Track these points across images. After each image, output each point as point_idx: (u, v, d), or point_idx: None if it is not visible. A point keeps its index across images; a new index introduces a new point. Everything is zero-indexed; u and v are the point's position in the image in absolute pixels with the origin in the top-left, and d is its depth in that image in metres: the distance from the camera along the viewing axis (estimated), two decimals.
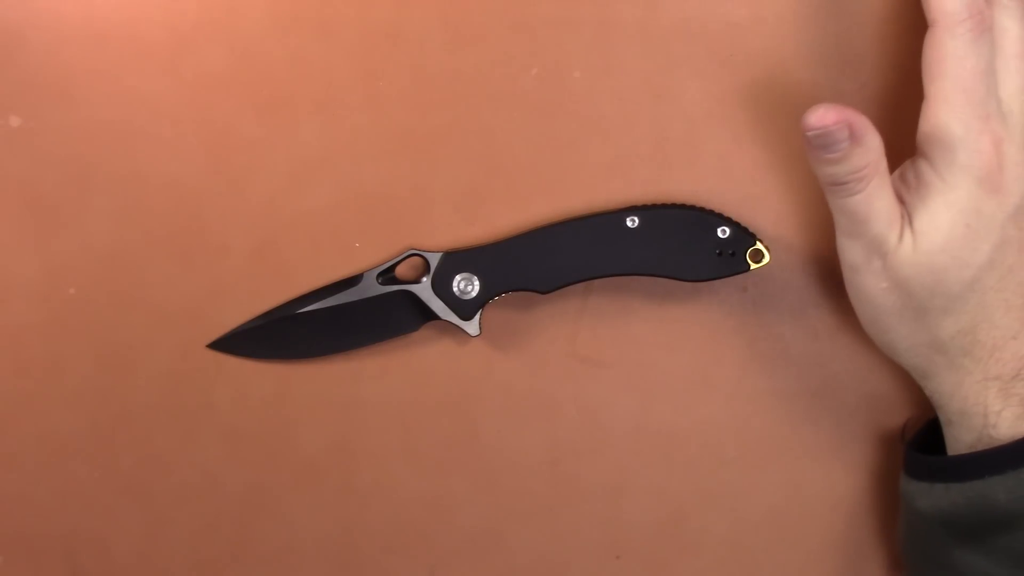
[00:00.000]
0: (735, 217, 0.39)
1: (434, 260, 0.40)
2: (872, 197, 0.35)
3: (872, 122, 0.33)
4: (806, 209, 0.41)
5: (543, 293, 0.40)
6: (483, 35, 0.41)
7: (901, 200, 0.35)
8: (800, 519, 0.42)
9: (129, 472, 0.43)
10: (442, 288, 0.40)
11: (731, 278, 0.41)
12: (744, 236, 0.39)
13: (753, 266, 0.39)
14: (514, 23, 0.41)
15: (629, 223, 0.39)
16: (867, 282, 0.36)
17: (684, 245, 0.39)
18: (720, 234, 0.39)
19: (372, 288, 0.41)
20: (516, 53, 0.41)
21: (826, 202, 0.41)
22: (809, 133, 0.34)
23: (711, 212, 0.39)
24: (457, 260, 0.40)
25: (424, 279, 0.40)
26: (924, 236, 0.34)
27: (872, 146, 0.34)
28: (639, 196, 0.41)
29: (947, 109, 0.34)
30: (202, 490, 0.43)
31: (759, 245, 0.39)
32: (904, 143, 0.41)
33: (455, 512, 0.43)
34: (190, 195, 0.42)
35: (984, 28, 0.34)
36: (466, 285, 0.40)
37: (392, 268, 0.41)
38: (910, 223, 0.35)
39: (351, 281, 0.41)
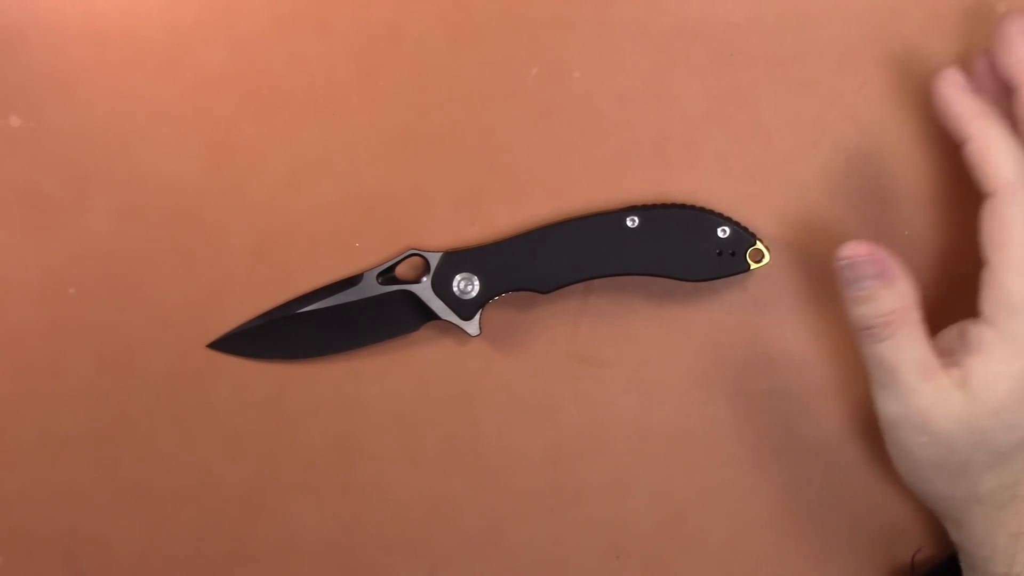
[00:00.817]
0: (735, 217, 0.39)
1: (434, 260, 0.40)
2: (901, 346, 0.34)
3: (873, 121, 0.33)
4: (806, 209, 0.41)
5: (543, 293, 0.40)
6: (483, 35, 0.41)
7: (956, 361, 0.35)
8: (800, 519, 0.42)
9: (129, 472, 0.43)
10: (442, 288, 0.40)
11: (731, 278, 0.41)
12: (744, 236, 0.39)
13: (753, 266, 0.39)
14: (514, 23, 0.41)
15: (629, 223, 0.39)
16: (905, 436, 0.35)
17: (684, 245, 0.39)
18: (720, 234, 0.39)
19: (372, 288, 0.41)
20: (516, 53, 0.41)
21: (826, 203, 0.41)
22: (840, 263, 0.34)
23: (711, 212, 0.39)
24: (457, 260, 0.40)
25: (424, 279, 0.40)
26: (977, 398, 0.34)
27: (902, 292, 0.34)
28: (639, 196, 0.41)
29: (1013, 277, 0.33)
30: (202, 490, 0.43)
31: (759, 245, 0.39)
32: (908, 143, 0.41)
33: (455, 512, 0.43)
34: (190, 195, 0.42)
35: None
36: (466, 285, 0.40)
37: (392, 268, 0.41)
38: (962, 383, 0.34)
39: (351, 281, 0.41)
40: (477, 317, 0.40)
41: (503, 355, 0.42)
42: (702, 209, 0.39)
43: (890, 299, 0.34)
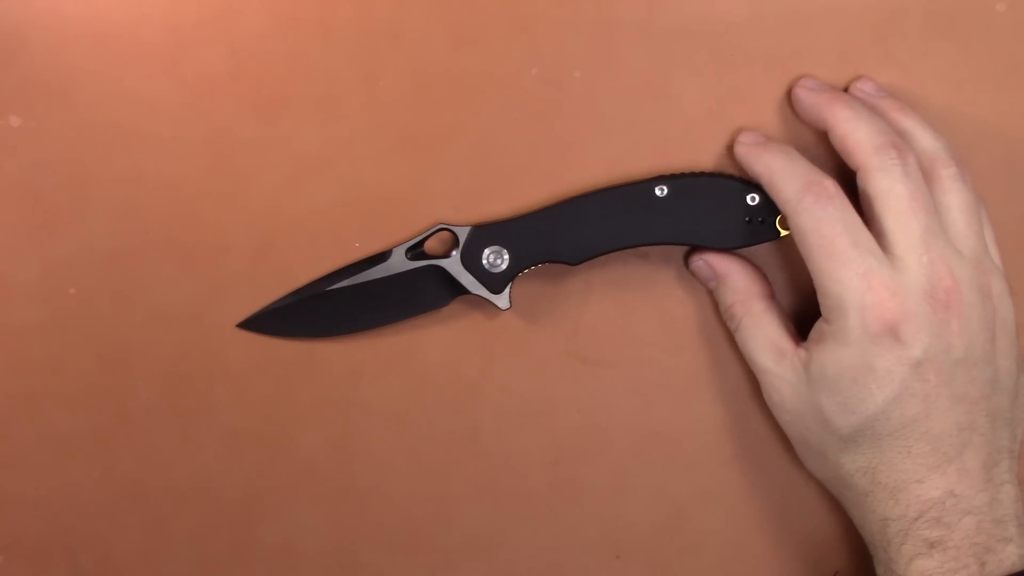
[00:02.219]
0: None
1: (463, 234, 0.40)
2: (748, 333, 0.39)
3: None
4: None
5: (573, 264, 0.40)
6: (483, 35, 0.41)
7: (808, 345, 0.37)
8: (800, 519, 0.42)
9: (129, 472, 0.43)
10: (471, 262, 0.40)
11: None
12: (773, 203, 0.38)
13: (783, 232, 0.38)
14: (514, 23, 0.41)
15: (658, 192, 0.39)
16: (777, 416, 0.39)
17: (713, 213, 0.39)
18: (750, 201, 0.38)
19: (401, 264, 0.41)
20: (516, 53, 0.41)
21: None
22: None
23: (740, 179, 0.39)
24: (486, 233, 0.40)
25: (453, 253, 0.40)
26: (815, 379, 0.36)
27: (737, 287, 0.39)
28: None
29: (823, 277, 0.36)
30: (202, 490, 0.43)
31: None
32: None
33: (455, 512, 0.43)
34: (190, 195, 0.42)
35: (826, 194, 0.35)
36: (495, 258, 0.40)
37: (421, 243, 0.41)
38: (805, 365, 0.37)
39: (380, 257, 0.41)
40: (507, 290, 0.40)
41: (503, 355, 0.42)
42: (731, 176, 0.39)
43: (726, 294, 0.40)
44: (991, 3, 0.40)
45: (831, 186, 0.36)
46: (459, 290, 0.40)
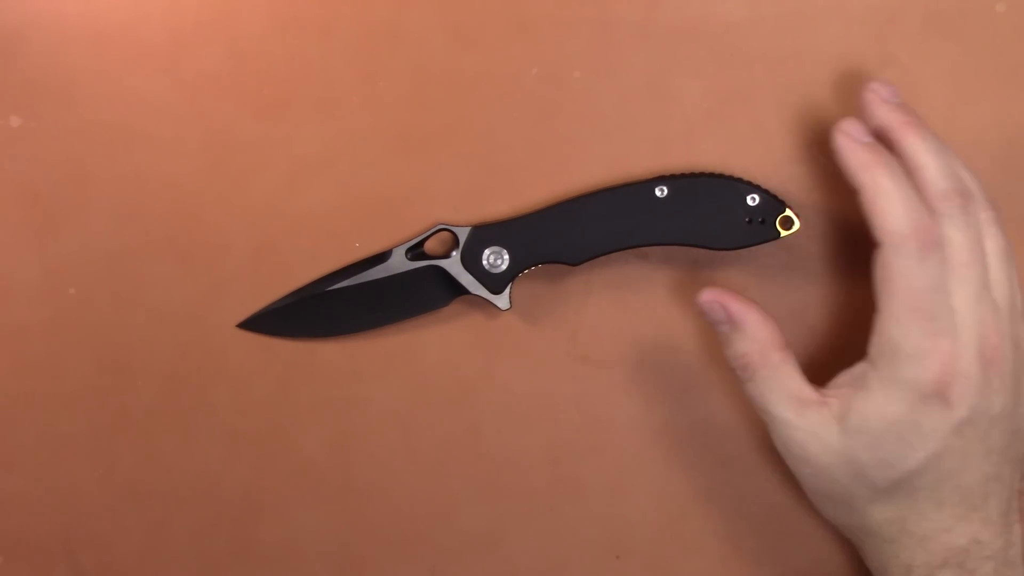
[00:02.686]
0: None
1: (463, 234, 0.40)
2: (766, 385, 0.36)
3: None
4: (804, 210, 0.41)
5: (573, 265, 0.40)
6: (483, 35, 0.41)
7: (841, 394, 0.36)
8: (800, 519, 0.42)
9: (129, 472, 0.43)
10: (471, 262, 0.40)
11: (731, 279, 0.41)
12: (774, 203, 0.38)
13: (783, 233, 0.38)
14: (514, 23, 0.41)
15: (658, 193, 0.39)
16: (792, 467, 0.37)
17: (714, 214, 0.39)
18: (750, 202, 0.38)
19: (401, 264, 0.41)
20: (516, 53, 0.41)
21: (822, 209, 0.41)
22: (700, 306, 0.37)
23: (740, 180, 0.39)
24: (486, 234, 0.40)
25: (453, 254, 0.40)
26: (851, 433, 0.35)
27: (752, 336, 0.36)
28: None
29: (896, 326, 0.34)
30: (202, 490, 0.43)
31: (789, 212, 0.38)
32: None
33: (455, 512, 0.43)
34: (190, 195, 0.42)
35: (932, 244, 0.34)
36: (495, 259, 0.40)
37: (421, 243, 0.41)
38: (840, 416, 0.35)
39: (380, 257, 0.41)
40: (507, 291, 0.40)
41: (503, 355, 0.42)
42: (731, 177, 0.39)
43: (741, 343, 0.37)
44: (991, 3, 0.40)
45: (937, 235, 0.34)
46: (459, 290, 0.40)
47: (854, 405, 0.35)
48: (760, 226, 0.39)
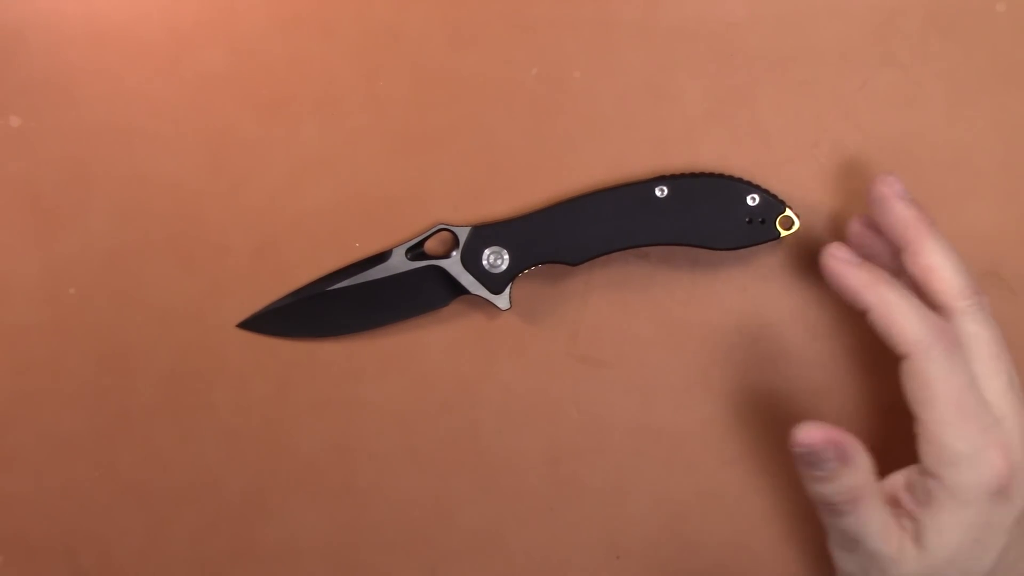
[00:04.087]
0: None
1: (463, 234, 0.40)
2: (864, 517, 0.35)
3: (873, 121, 0.33)
4: (804, 210, 0.41)
5: (573, 265, 0.40)
6: (483, 35, 0.41)
7: (907, 512, 0.35)
8: (800, 519, 0.42)
9: (129, 472, 0.43)
10: (471, 262, 0.40)
11: (731, 279, 0.41)
12: (774, 203, 0.38)
13: (783, 233, 0.38)
14: (514, 23, 0.41)
15: (658, 193, 0.39)
16: None
17: (714, 214, 0.39)
18: (750, 202, 0.38)
19: (401, 264, 0.41)
20: (516, 53, 0.41)
21: (822, 209, 0.41)
22: (796, 450, 0.34)
23: (740, 180, 0.39)
24: (486, 234, 0.40)
25: (453, 254, 0.40)
26: (931, 551, 0.34)
27: (861, 467, 0.35)
28: None
29: (948, 431, 0.34)
30: (202, 490, 0.43)
31: (789, 212, 0.38)
32: (909, 142, 0.41)
33: (455, 512, 0.43)
34: (190, 195, 0.42)
35: (955, 344, 0.34)
36: (495, 259, 0.40)
37: (421, 243, 0.41)
38: (916, 537, 0.35)
39: (380, 257, 0.41)
40: (507, 291, 0.40)
41: (503, 355, 0.42)
42: (731, 177, 0.39)
43: (850, 477, 0.35)
44: (991, 3, 0.40)
45: (954, 335, 0.35)
46: (459, 290, 0.40)
47: (927, 523, 0.34)
48: (760, 226, 0.39)
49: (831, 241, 0.38)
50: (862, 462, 0.35)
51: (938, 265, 0.35)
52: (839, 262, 0.36)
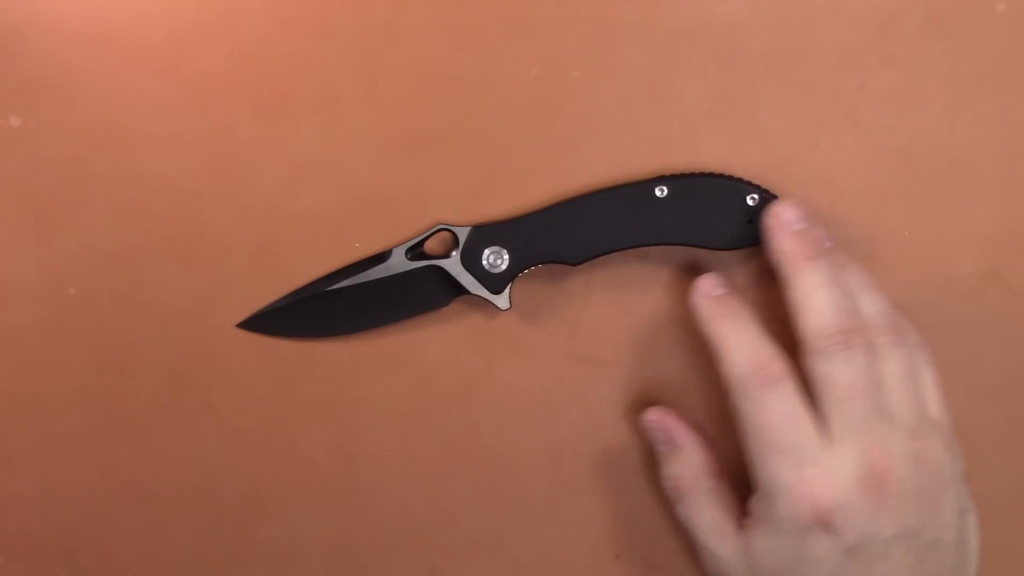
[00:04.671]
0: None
1: (463, 234, 0.40)
2: (693, 510, 0.38)
3: (873, 121, 0.33)
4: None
5: (573, 265, 0.40)
6: (483, 35, 0.41)
7: (745, 524, 0.37)
8: None
9: (129, 472, 0.43)
10: (471, 262, 0.40)
11: (731, 279, 0.41)
12: (774, 203, 0.38)
13: None
14: (514, 23, 0.41)
15: (658, 193, 0.39)
16: None
17: (714, 214, 0.39)
18: (750, 202, 0.38)
19: (401, 264, 0.41)
20: (516, 53, 0.41)
21: (822, 209, 0.41)
22: (643, 425, 0.40)
23: (740, 180, 0.39)
24: (486, 234, 0.40)
25: (453, 254, 0.40)
26: (757, 566, 0.36)
27: (690, 462, 0.39)
28: None
29: (759, 464, 0.35)
30: (202, 490, 0.43)
31: None
32: (909, 142, 0.41)
33: (455, 512, 0.43)
34: (190, 195, 0.42)
35: (773, 379, 0.35)
36: (495, 259, 0.40)
37: (421, 243, 0.41)
38: (746, 548, 0.36)
39: (380, 257, 0.41)
40: (507, 291, 0.40)
41: (503, 355, 0.42)
42: (731, 177, 0.39)
43: (676, 466, 0.39)
44: (991, 3, 0.40)
45: (777, 369, 0.35)
46: (459, 290, 0.40)
47: (751, 540, 0.36)
48: (760, 226, 0.39)
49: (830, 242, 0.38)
50: (691, 456, 0.39)
51: (802, 302, 0.36)
52: (697, 294, 0.38)
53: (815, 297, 0.36)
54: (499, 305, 0.40)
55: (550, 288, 0.42)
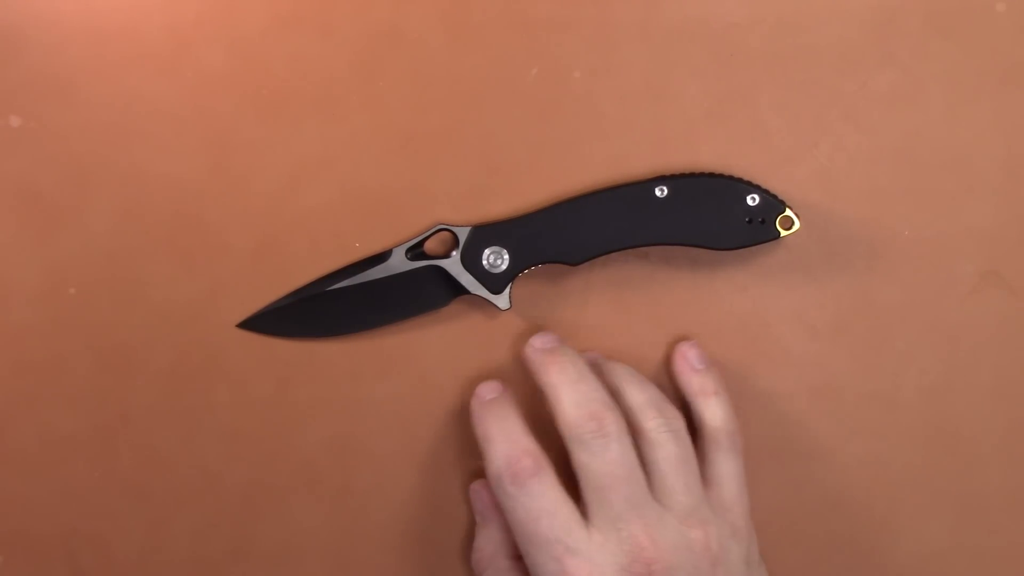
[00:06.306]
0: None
1: (463, 234, 0.40)
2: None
3: (873, 121, 0.33)
4: (804, 210, 0.41)
5: (573, 265, 0.40)
6: (483, 35, 0.41)
7: None
8: (799, 519, 0.42)
9: (129, 472, 0.43)
10: (471, 262, 0.40)
11: (731, 279, 0.41)
12: (774, 203, 0.39)
13: (783, 233, 0.39)
14: (514, 23, 0.41)
15: (658, 193, 0.39)
16: None
17: (714, 214, 0.39)
18: (750, 202, 0.39)
19: (401, 264, 0.41)
20: (516, 53, 0.41)
21: (822, 209, 0.41)
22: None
23: (740, 180, 0.39)
24: (486, 234, 0.40)
25: (453, 254, 0.40)
26: None
27: (492, 539, 0.40)
28: None
29: (526, 557, 0.36)
30: (202, 490, 0.43)
31: (789, 212, 0.39)
32: (909, 142, 0.41)
33: (455, 512, 0.43)
34: (190, 195, 0.42)
35: (522, 476, 0.36)
36: (495, 259, 0.40)
37: (421, 243, 0.41)
38: None
39: (380, 257, 0.41)
40: (507, 290, 0.40)
41: (503, 355, 0.42)
42: (731, 177, 0.39)
43: (480, 539, 0.40)
44: (991, 3, 0.40)
45: (529, 465, 0.36)
46: (459, 290, 0.40)
47: None
48: (760, 226, 0.39)
49: (830, 242, 0.38)
50: (495, 534, 0.40)
51: (555, 398, 0.37)
52: (530, 349, 0.39)
53: (563, 391, 0.36)
54: (499, 305, 0.40)
55: (550, 288, 0.42)
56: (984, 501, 0.42)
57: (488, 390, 0.39)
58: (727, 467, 0.38)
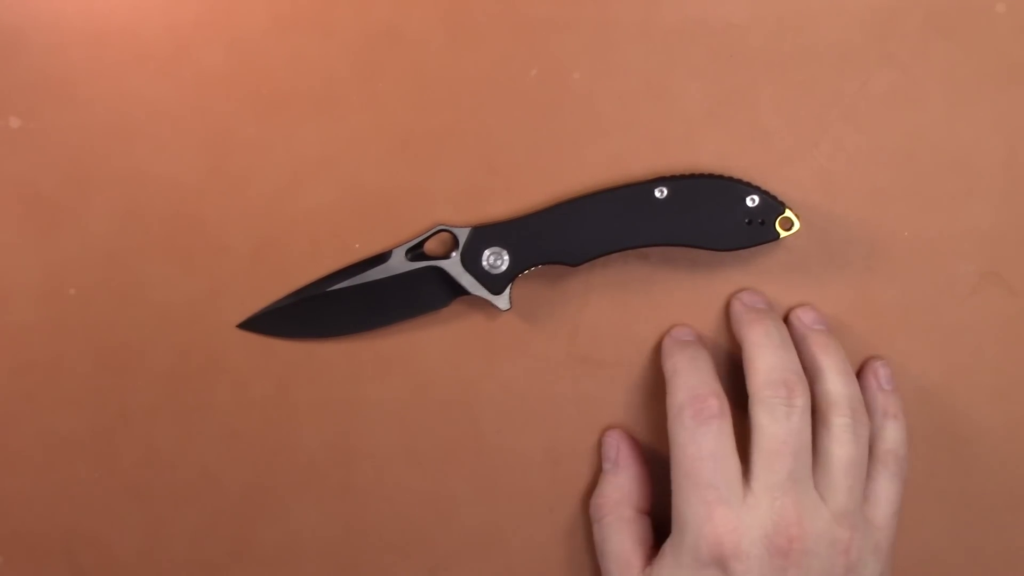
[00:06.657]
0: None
1: (463, 235, 0.40)
2: (606, 535, 0.39)
3: (873, 121, 0.33)
4: (804, 211, 0.41)
5: (573, 266, 0.40)
6: (483, 35, 0.41)
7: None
8: None
9: (129, 472, 0.43)
10: (471, 263, 0.40)
11: (731, 280, 0.41)
12: (774, 204, 0.39)
13: (783, 234, 0.39)
14: (514, 23, 0.41)
15: (658, 194, 0.39)
16: None
17: (713, 215, 0.39)
18: (749, 203, 0.39)
19: (401, 265, 0.41)
20: (516, 53, 0.41)
21: (822, 209, 0.41)
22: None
23: (740, 181, 0.39)
24: (486, 234, 0.40)
25: (453, 254, 0.40)
26: None
27: (619, 487, 0.40)
28: None
29: (676, 493, 0.36)
30: (202, 490, 0.43)
31: (788, 213, 0.39)
32: (909, 142, 0.41)
33: (455, 512, 0.43)
34: (190, 195, 0.42)
35: (706, 415, 0.36)
36: (495, 259, 0.40)
37: (421, 244, 0.41)
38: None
39: (380, 258, 0.41)
40: (507, 291, 0.40)
41: (503, 355, 0.42)
42: (730, 178, 0.39)
43: (606, 486, 0.40)
44: (991, 3, 0.40)
45: (714, 405, 0.36)
46: (459, 291, 0.40)
47: (656, 567, 0.37)
48: (760, 227, 0.39)
49: (830, 242, 0.38)
50: (624, 483, 0.40)
51: (753, 355, 0.37)
52: (738, 303, 0.40)
53: (764, 352, 0.37)
54: (499, 306, 0.40)
55: (550, 288, 0.42)
56: (984, 501, 0.42)
57: (684, 333, 0.40)
58: (888, 490, 0.38)
